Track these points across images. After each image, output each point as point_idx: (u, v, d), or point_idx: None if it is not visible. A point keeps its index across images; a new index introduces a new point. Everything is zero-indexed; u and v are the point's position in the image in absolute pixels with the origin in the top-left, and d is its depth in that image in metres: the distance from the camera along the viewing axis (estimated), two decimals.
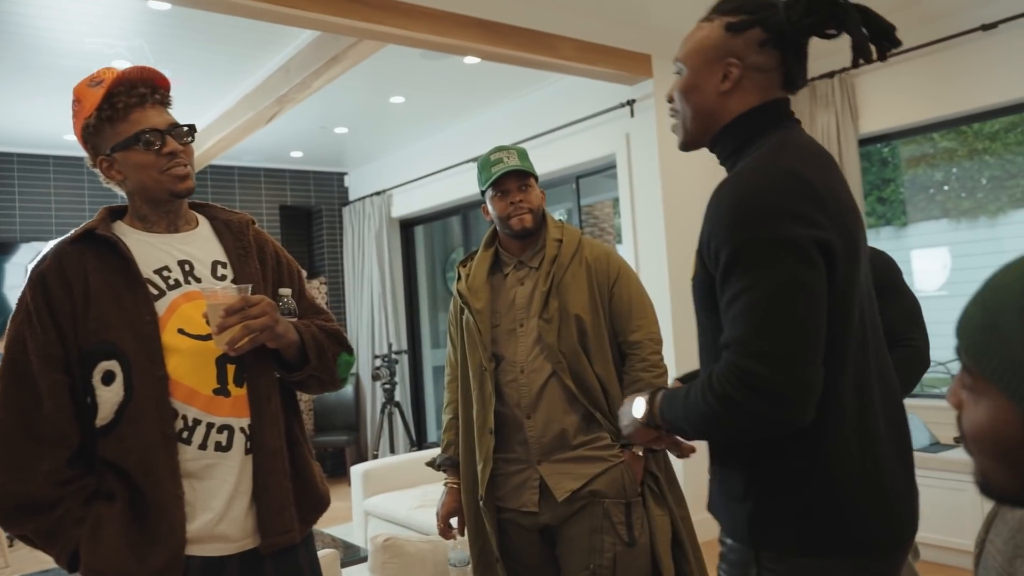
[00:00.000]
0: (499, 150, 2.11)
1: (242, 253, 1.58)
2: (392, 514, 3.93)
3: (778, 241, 1.10)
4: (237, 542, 1.43)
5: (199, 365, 1.43)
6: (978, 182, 5.55)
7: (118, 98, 1.45)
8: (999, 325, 0.58)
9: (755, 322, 1.10)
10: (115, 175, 1.49)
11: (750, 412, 1.10)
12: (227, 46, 4.09)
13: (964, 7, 3.72)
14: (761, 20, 1.22)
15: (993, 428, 0.59)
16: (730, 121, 1.26)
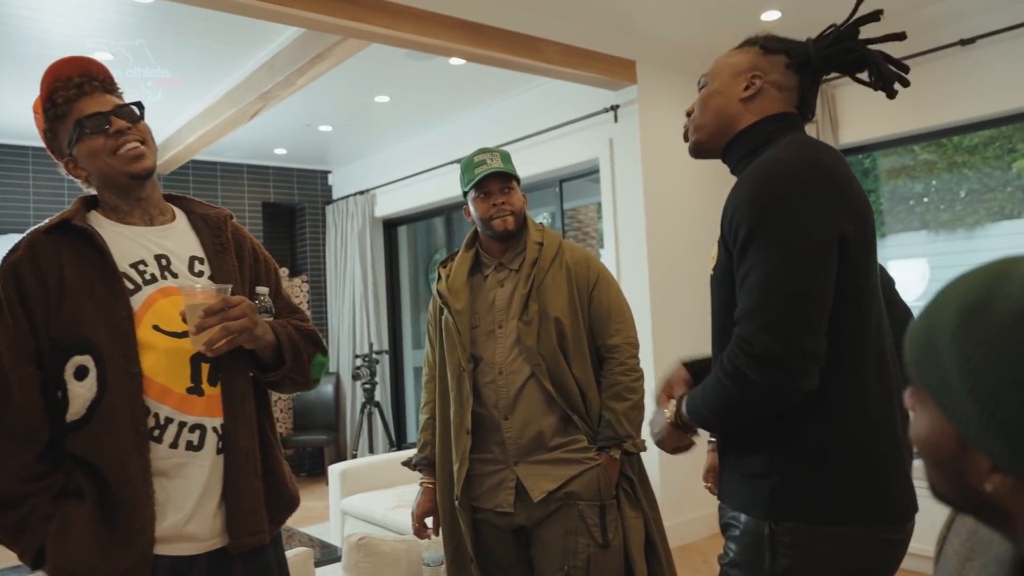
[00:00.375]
0: (482, 152, 2.11)
1: (220, 249, 1.56)
2: (369, 514, 3.92)
3: (796, 221, 1.19)
4: (205, 541, 1.41)
5: (173, 363, 1.41)
6: (957, 195, 5.62)
7: (57, 94, 1.44)
8: (936, 344, 0.60)
9: (762, 295, 1.19)
10: (80, 172, 1.48)
11: (757, 383, 1.19)
12: (211, 41, 4.07)
13: (943, 22, 3.77)
14: (788, 48, 1.37)
15: (932, 440, 0.61)
16: (748, 125, 1.37)
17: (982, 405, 0.55)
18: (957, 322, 0.59)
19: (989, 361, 0.55)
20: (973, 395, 0.56)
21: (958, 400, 0.57)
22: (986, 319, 0.57)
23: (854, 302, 1.24)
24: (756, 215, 1.22)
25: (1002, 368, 0.55)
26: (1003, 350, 0.55)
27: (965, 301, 0.59)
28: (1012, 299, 0.56)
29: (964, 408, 0.57)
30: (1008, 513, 0.57)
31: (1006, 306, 0.56)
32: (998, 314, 0.56)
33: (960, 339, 0.58)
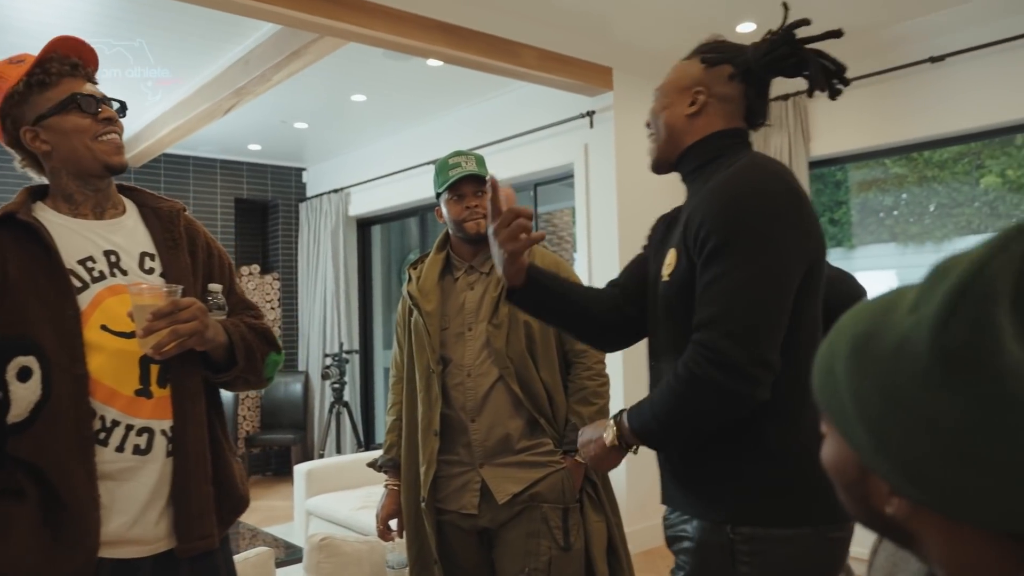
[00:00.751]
0: (457, 155, 2.12)
1: (172, 245, 1.51)
2: (333, 514, 3.89)
3: (768, 236, 1.23)
4: (151, 544, 1.38)
5: (121, 365, 1.36)
6: (926, 208, 5.72)
7: (51, 64, 1.40)
8: (834, 372, 0.62)
9: (728, 303, 1.22)
10: (41, 146, 1.40)
11: (716, 388, 1.21)
12: (186, 34, 4.03)
13: (914, 39, 3.84)
14: (731, 58, 1.38)
15: (838, 464, 0.63)
16: (697, 140, 1.40)
17: (872, 433, 0.57)
18: (849, 351, 0.60)
19: (875, 390, 0.57)
20: (864, 423, 0.57)
21: (854, 427, 0.59)
22: (872, 349, 0.58)
23: (812, 313, 1.29)
24: (730, 226, 1.24)
25: (887, 397, 0.56)
26: (887, 379, 0.56)
27: (856, 331, 0.61)
28: (895, 328, 0.57)
29: (859, 435, 0.58)
30: (911, 533, 0.58)
31: (889, 336, 0.58)
32: (883, 344, 0.58)
33: (850, 368, 0.59)
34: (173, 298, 1.34)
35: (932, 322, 0.54)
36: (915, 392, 0.54)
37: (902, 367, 0.56)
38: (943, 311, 0.53)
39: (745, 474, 1.27)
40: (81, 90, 1.41)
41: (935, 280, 0.56)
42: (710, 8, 3.67)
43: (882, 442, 0.56)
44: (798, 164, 4.26)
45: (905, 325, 0.57)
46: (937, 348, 0.53)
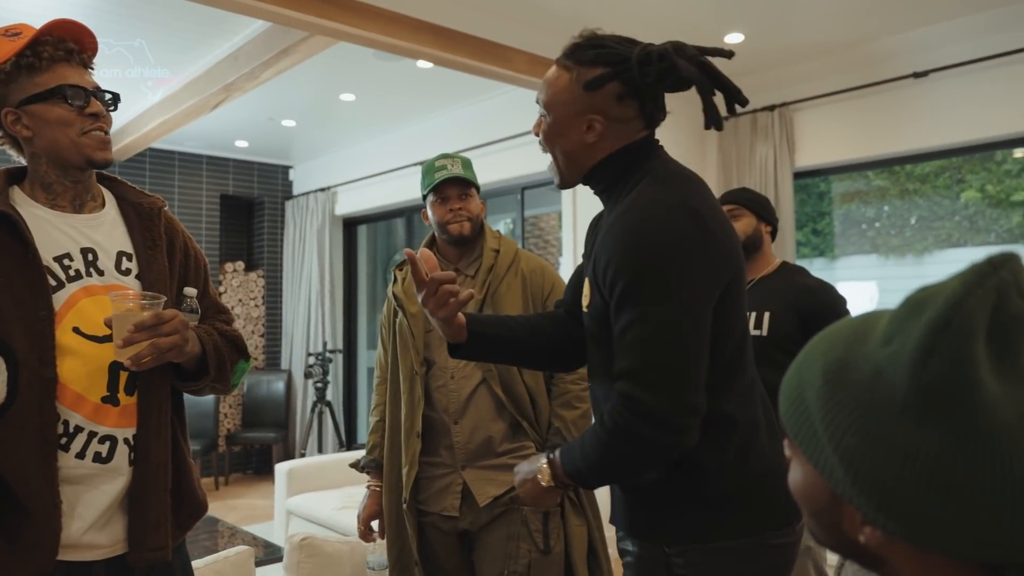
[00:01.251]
0: (444, 157, 2.12)
1: (150, 245, 1.45)
2: (314, 514, 3.88)
3: (671, 275, 1.17)
4: (105, 548, 1.35)
5: (91, 370, 1.32)
6: (907, 221, 5.79)
7: (44, 48, 1.33)
8: (804, 400, 0.62)
9: (644, 353, 1.18)
10: (22, 131, 1.34)
11: (641, 440, 1.19)
12: (175, 29, 4.01)
13: (898, 54, 3.89)
14: (617, 74, 1.27)
15: (807, 492, 0.63)
16: (598, 163, 1.33)
17: (847, 465, 0.57)
18: (821, 381, 0.60)
19: (850, 423, 0.57)
20: (838, 455, 0.58)
21: (826, 457, 0.59)
22: (845, 380, 0.59)
23: (734, 329, 1.27)
24: (632, 271, 1.19)
25: (861, 430, 0.57)
26: (862, 412, 0.57)
27: (827, 360, 0.61)
28: (869, 359, 0.58)
29: (832, 466, 0.58)
30: (881, 559, 0.59)
31: (862, 367, 0.58)
32: (856, 375, 0.58)
33: (823, 399, 0.60)
34: (156, 311, 1.30)
35: (910, 357, 0.54)
36: (891, 425, 0.55)
37: (877, 400, 0.56)
38: (921, 348, 0.54)
39: (677, 494, 1.26)
40: (72, 80, 1.35)
41: (909, 313, 0.57)
42: (698, 17, 3.70)
43: (857, 474, 0.57)
44: (783, 174, 4.31)
45: (879, 357, 0.57)
46: (915, 383, 0.54)
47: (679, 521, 1.26)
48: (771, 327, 2.27)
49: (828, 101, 4.19)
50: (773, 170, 4.32)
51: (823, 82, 4.19)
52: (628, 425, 1.18)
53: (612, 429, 1.20)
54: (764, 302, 2.31)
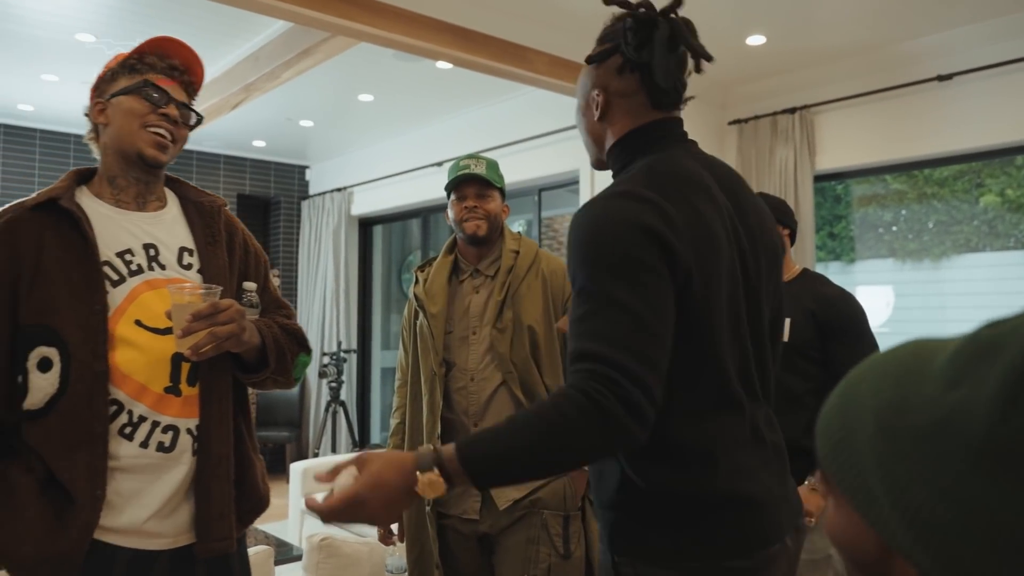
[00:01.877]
0: (469, 157, 2.12)
1: (211, 241, 1.51)
2: None
3: (617, 266, 1.11)
4: (170, 538, 1.38)
5: (153, 361, 1.36)
6: (925, 225, 5.74)
7: (151, 59, 1.44)
8: (853, 445, 0.57)
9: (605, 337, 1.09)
10: (101, 119, 1.44)
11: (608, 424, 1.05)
12: (197, 29, 4.03)
13: (922, 57, 3.86)
14: (615, 48, 1.28)
15: (852, 542, 0.58)
16: (613, 143, 1.33)
17: (908, 520, 0.52)
18: (874, 428, 0.55)
19: (913, 475, 0.52)
20: (898, 509, 0.53)
21: (881, 510, 0.54)
22: (904, 427, 0.54)
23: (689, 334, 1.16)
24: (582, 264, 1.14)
25: (928, 483, 0.52)
26: (927, 463, 0.52)
27: (879, 402, 0.56)
28: (932, 404, 0.53)
29: (888, 519, 0.54)
30: None
31: (924, 413, 0.53)
32: (917, 422, 0.53)
33: (879, 448, 0.55)
34: (212, 300, 1.33)
35: (987, 407, 0.49)
36: (964, 480, 0.50)
37: (946, 451, 0.51)
38: (1001, 397, 0.49)
39: (624, 506, 1.21)
40: (159, 83, 1.43)
41: (982, 354, 0.52)
42: (719, 19, 3.68)
43: (921, 531, 0.52)
44: (803, 177, 4.27)
45: (946, 404, 0.52)
46: (994, 435, 0.49)
47: (620, 531, 1.21)
48: (791, 334, 2.25)
49: (850, 104, 4.16)
50: (793, 173, 4.29)
51: (845, 85, 4.16)
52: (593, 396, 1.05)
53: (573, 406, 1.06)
54: (784, 308, 2.30)
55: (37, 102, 5.29)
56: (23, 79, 4.81)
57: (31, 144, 5.85)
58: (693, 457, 1.18)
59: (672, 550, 1.17)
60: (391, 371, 7.11)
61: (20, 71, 4.65)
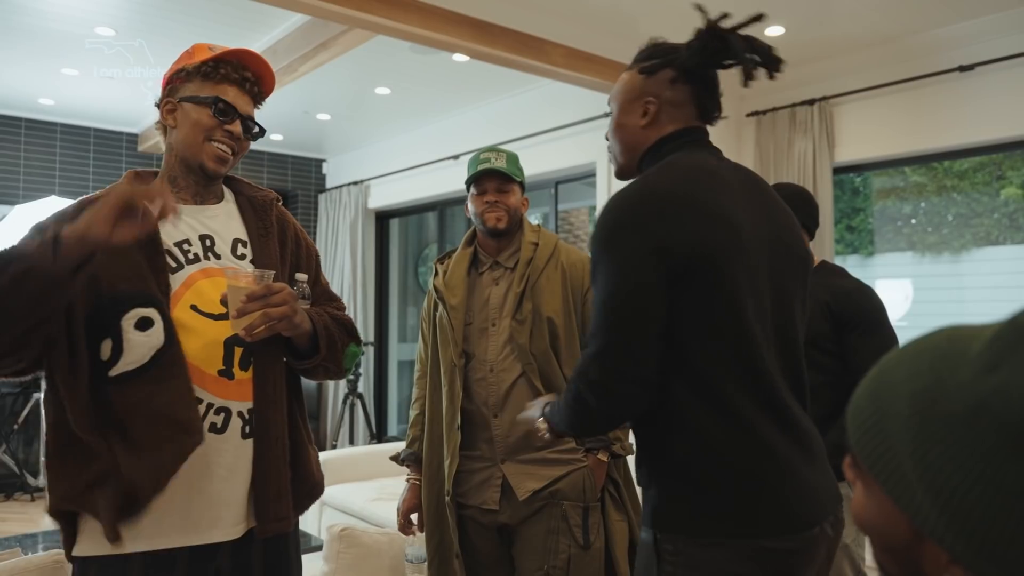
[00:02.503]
0: (490, 150, 2.13)
1: (263, 233, 1.57)
2: (348, 505, 3.91)
3: (619, 255, 1.26)
4: (233, 527, 1.42)
5: (207, 345, 1.42)
6: (944, 218, 5.69)
7: (227, 67, 1.49)
8: (885, 430, 0.57)
9: (594, 324, 1.28)
10: (169, 120, 1.50)
11: (591, 408, 1.30)
12: (215, 22, 4.05)
13: (943, 47, 3.82)
14: (669, 61, 1.41)
15: (882, 526, 0.59)
16: (649, 147, 1.43)
17: (942, 504, 0.53)
18: (909, 411, 0.56)
19: (947, 459, 0.53)
20: (932, 493, 0.53)
21: (914, 494, 0.55)
22: (939, 411, 0.54)
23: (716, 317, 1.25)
24: (593, 247, 1.31)
25: (963, 466, 0.52)
26: (962, 447, 0.52)
27: (914, 387, 0.56)
28: (968, 389, 0.53)
29: (921, 503, 0.54)
30: None
31: (960, 397, 0.53)
32: (953, 407, 0.53)
33: (914, 432, 0.55)
34: (266, 282, 1.40)
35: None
36: (999, 464, 0.50)
37: (982, 435, 0.51)
38: None
39: (657, 483, 1.31)
40: (231, 98, 1.49)
41: (1018, 340, 0.52)
42: (737, 10, 3.64)
43: (955, 514, 0.52)
44: (822, 169, 4.24)
45: (983, 388, 0.52)
46: None
47: (658, 507, 1.29)
48: (807, 327, 2.25)
49: (869, 95, 4.12)
50: (812, 165, 4.26)
51: (864, 76, 4.12)
52: (580, 392, 1.30)
53: (570, 394, 1.34)
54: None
55: (58, 96, 5.34)
56: (44, 73, 4.85)
57: (52, 138, 5.90)
58: (731, 437, 1.25)
59: (712, 528, 1.24)
60: (408, 364, 7.14)
61: (41, 65, 4.69)
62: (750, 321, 1.27)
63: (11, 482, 5.65)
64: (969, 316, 5.14)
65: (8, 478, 5.65)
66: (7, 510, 5.35)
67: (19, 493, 5.64)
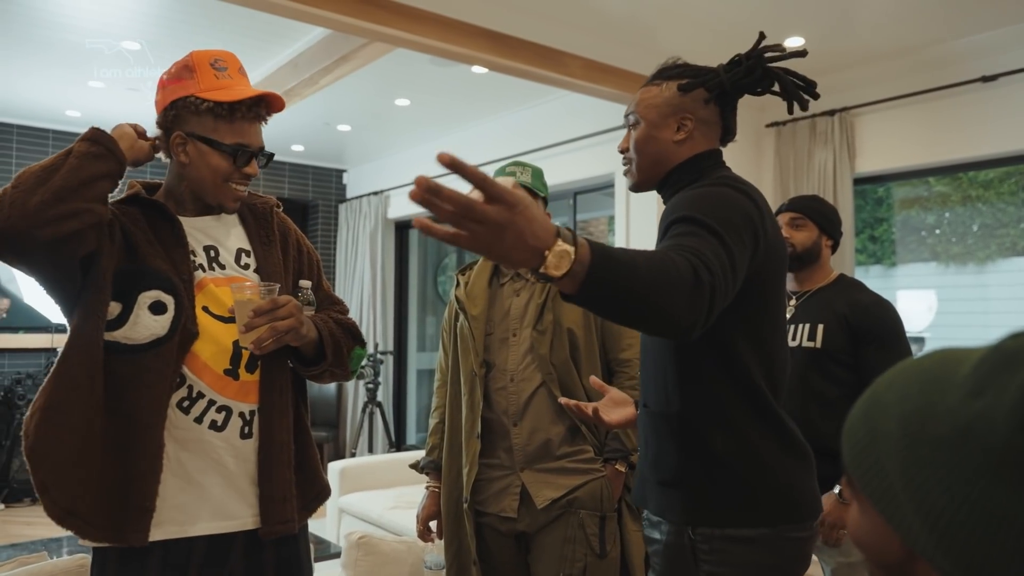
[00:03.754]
0: (515, 164, 2.15)
1: (265, 241, 1.61)
2: (366, 513, 3.93)
3: (728, 223, 1.25)
4: (238, 520, 1.46)
5: (216, 343, 1.46)
6: (969, 228, 5.63)
7: (239, 111, 1.48)
8: (877, 450, 0.58)
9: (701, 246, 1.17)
10: (181, 155, 1.49)
11: (696, 293, 1.09)
12: (238, 36, 4.11)
13: (966, 57, 3.79)
14: (703, 82, 1.45)
15: (875, 544, 0.59)
16: (682, 162, 1.47)
17: (931, 525, 0.53)
18: (899, 433, 0.56)
19: (936, 481, 0.53)
20: (920, 515, 0.54)
21: (905, 515, 0.55)
22: (928, 435, 0.55)
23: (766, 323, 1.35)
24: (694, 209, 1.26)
25: (950, 489, 0.53)
26: (949, 470, 0.53)
27: (904, 409, 0.57)
28: (954, 413, 0.54)
29: (912, 524, 0.55)
30: None
31: (948, 421, 0.54)
32: (940, 430, 0.54)
33: (903, 455, 0.56)
34: (272, 296, 1.43)
35: (1007, 418, 0.50)
36: (983, 487, 0.51)
37: (967, 459, 0.52)
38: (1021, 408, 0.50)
39: (697, 479, 1.34)
40: (247, 140, 1.49)
41: (1004, 364, 0.52)
42: (757, 20, 3.66)
43: (943, 535, 0.53)
44: (842, 180, 4.22)
45: (968, 412, 0.53)
46: (1014, 444, 0.50)
47: (697, 504, 1.33)
48: (824, 339, 2.23)
49: (891, 105, 4.10)
50: (832, 176, 4.24)
51: (886, 86, 4.10)
52: (699, 269, 1.11)
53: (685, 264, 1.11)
54: (819, 314, 2.28)
55: (85, 108, 5.44)
56: (71, 86, 4.95)
57: None
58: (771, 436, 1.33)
59: (744, 521, 1.31)
60: (427, 373, 7.16)
61: (69, 78, 4.78)
62: (784, 334, 1.40)
63: None
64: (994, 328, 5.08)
65: None
66: (32, 515, 5.42)
67: None
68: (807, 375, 2.21)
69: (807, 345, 2.25)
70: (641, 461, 1.49)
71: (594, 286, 1.00)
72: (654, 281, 1.05)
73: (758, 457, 1.32)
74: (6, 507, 5.56)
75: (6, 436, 5.63)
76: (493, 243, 0.94)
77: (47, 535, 4.83)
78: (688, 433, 1.34)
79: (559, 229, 0.99)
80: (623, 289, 1.03)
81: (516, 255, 0.96)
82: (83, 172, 1.31)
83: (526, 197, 0.98)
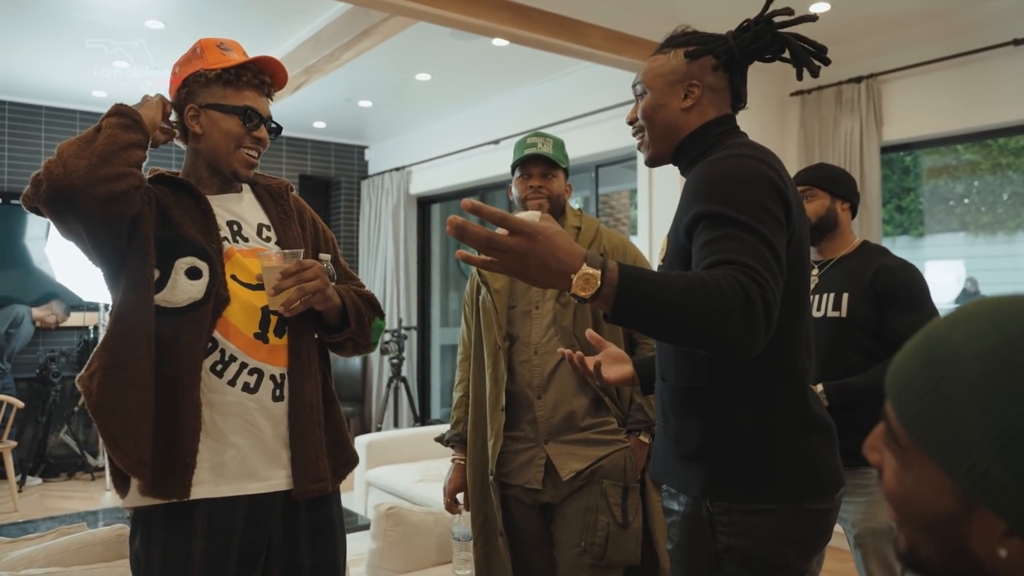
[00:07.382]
0: (536, 135, 2.15)
1: (284, 217, 1.67)
2: (393, 486, 3.99)
3: (754, 207, 1.22)
4: (272, 481, 1.51)
5: (245, 308, 1.52)
6: (999, 197, 5.53)
7: (249, 74, 1.57)
8: (948, 395, 0.55)
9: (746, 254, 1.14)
10: (195, 127, 1.57)
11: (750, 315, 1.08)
12: (259, 12, 4.12)
13: (997, 20, 3.70)
14: (711, 48, 1.43)
15: (925, 499, 0.57)
16: (691, 132, 1.44)
17: (1016, 465, 0.51)
18: (978, 372, 0.53)
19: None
20: (1004, 455, 0.51)
21: (977, 457, 0.52)
22: (1016, 369, 0.52)
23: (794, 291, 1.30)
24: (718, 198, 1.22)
25: None
26: None
27: (984, 347, 0.54)
28: None
29: (986, 466, 0.52)
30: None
31: None
32: None
33: (986, 391, 0.53)
34: (298, 259, 1.49)
35: None
36: None
37: None
38: None
39: (718, 453, 1.32)
40: (253, 103, 1.58)
41: None
42: None
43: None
44: (869, 149, 4.16)
45: None
46: None
47: (717, 477, 1.32)
48: (850, 308, 2.20)
49: (919, 71, 4.02)
50: (859, 145, 4.18)
51: (914, 51, 4.02)
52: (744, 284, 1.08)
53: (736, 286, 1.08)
54: (843, 283, 2.24)
55: (110, 88, 5.49)
56: (97, 66, 4.99)
57: None
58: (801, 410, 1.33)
59: (766, 495, 1.30)
60: (450, 348, 7.21)
61: (94, 58, 4.83)
62: (809, 305, 1.39)
63: (73, 462, 5.87)
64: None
65: (70, 458, 5.88)
66: (69, 489, 5.57)
67: (80, 472, 5.87)
68: (834, 345, 2.19)
69: (832, 315, 2.23)
70: (659, 434, 1.47)
71: (626, 306, 1.07)
72: (696, 302, 1.06)
73: (783, 432, 1.31)
74: (44, 481, 5.71)
75: (42, 412, 5.77)
76: (519, 268, 1.07)
77: (84, 508, 4.95)
78: (715, 407, 1.33)
79: (587, 254, 1.07)
80: (658, 308, 1.07)
81: (544, 278, 1.07)
82: (118, 139, 1.39)
83: (549, 227, 1.07)
